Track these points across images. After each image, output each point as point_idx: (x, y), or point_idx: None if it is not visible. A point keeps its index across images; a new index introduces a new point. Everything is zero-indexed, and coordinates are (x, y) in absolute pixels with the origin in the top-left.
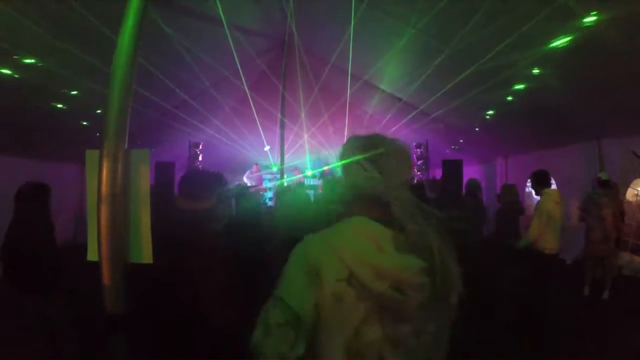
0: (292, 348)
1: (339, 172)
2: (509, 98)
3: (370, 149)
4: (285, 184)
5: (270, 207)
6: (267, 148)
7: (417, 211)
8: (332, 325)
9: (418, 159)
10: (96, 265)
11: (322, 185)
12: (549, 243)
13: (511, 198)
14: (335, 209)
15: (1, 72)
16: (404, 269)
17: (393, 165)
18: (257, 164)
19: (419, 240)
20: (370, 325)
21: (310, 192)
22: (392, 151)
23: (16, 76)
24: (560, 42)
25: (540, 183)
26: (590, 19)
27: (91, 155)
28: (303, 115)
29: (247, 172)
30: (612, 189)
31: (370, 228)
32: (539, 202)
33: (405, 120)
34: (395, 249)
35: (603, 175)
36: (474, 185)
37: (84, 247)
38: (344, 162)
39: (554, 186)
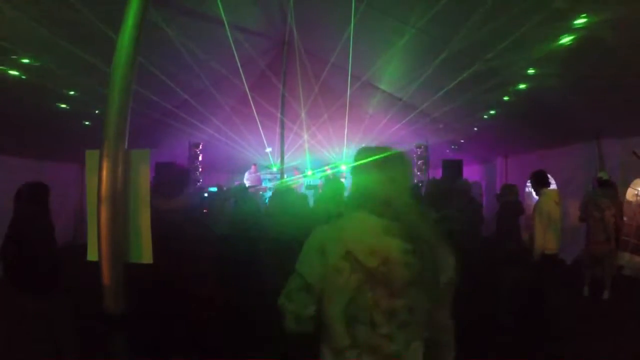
0: (304, 308)
1: (339, 174)
2: (509, 98)
3: (371, 157)
4: (279, 187)
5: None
6: (268, 150)
7: (414, 210)
8: (333, 292)
9: (418, 159)
10: (96, 265)
11: (323, 185)
12: (549, 243)
13: (511, 198)
14: (333, 208)
15: (2, 72)
16: (391, 248)
17: (399, 172)
18: (255, 164)
19: (410, 230)
20: (363, 294)
21: (310, 192)
22: (399, 161)
23: (16, 76)
24: (560, 42)
25: (539, 183)
26: (590, 19)
27: (91, 155)
28: (303, 115)
29: (247, 173)
30: (613, 189)
31: (369, 219)
32: (537, 202)
33: (405, 120)
34: (386, 234)
35: (603, 175)
36: (463, 185)
37: (84, 247)
38: (355, 165)
39: (553, 186)
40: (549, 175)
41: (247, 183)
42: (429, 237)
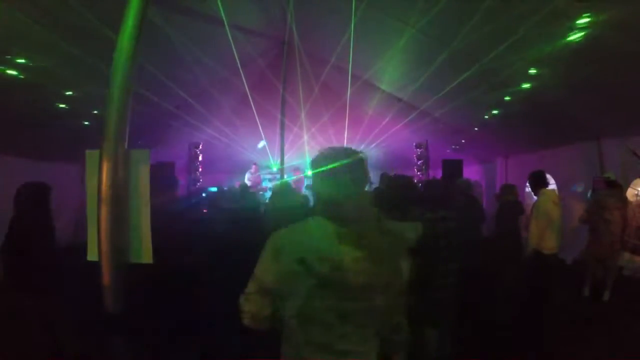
0: (260, 309)
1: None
2: (509, 98)
3: (331, 161)
4: (278, 186)
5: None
6: (261, 145)
7: (370, 215)
8: (287, 295)
9: (418, 159)
10: (96, 265)
11: None
12: (548, 243)
13: (510, 198)
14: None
15: (1, 72)
16: (342, 255)
17: (351, 174)
18: (255, 164)
19: (362, 236)
20: (316, 297)
21: (310, 192)
22: (351, 163)
23: (16, 76)
24: (560, 42)
25: (538, 183)
26: (590, 19)
27: (91, 155)
28: (303, 115)
29: (248, 173)
30: (619, 189)
31: (324, 225)
32: (536, 202)
33: (405, 121)
34: (338, 240)
35: (611, 176)
36: (464, 184)
37: (84, 247)
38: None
39: (552, 186)
40: (547, 175)
41: (248, 183)
42: (381, 243)
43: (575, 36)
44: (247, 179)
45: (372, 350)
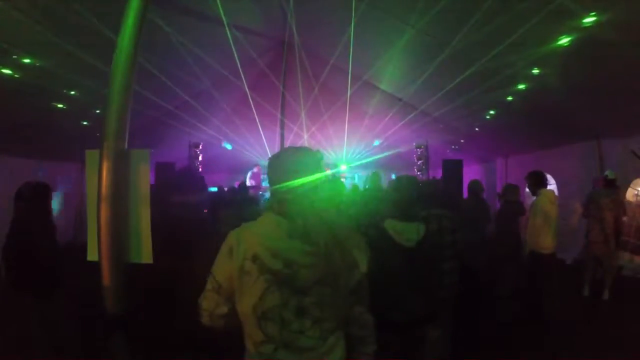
0: (216, 307)
1: (338, 174)
2: (509, 98)
3: (282, 162)
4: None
5: None
6: (255, 169)
7: (320, 210)
8: (243, 292)
9: (418, 159)
10: (96, 265)
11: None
12: (546, 242)
13: (513, 198)
14: (333, 208)
15: (1, 72)
16: (293, 250)
17: (304, 173)
18: (258, 165)
19: (312, 231)
20: (271, 293)
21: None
22: (300, 163)
23: (16, 76)
24: (560, 42)
25: (537, 183)
26: (590, 19)
27: (91, 155)
28: (303, 115)
29: (250, 172)
30: (616, 189)
31: (275, 221)
32: (534, 202)
33: (405, 120)
34: (288, 236)
35: (610, 174)
36: (475, 185)
37: (84, 247)
38: (269, 169)
39: (551, 186)
40: (547, 176)
41: (249, 183)
42: (325, 237)
43: (575, 36)
44: (249, 179)
45: (336, 347)
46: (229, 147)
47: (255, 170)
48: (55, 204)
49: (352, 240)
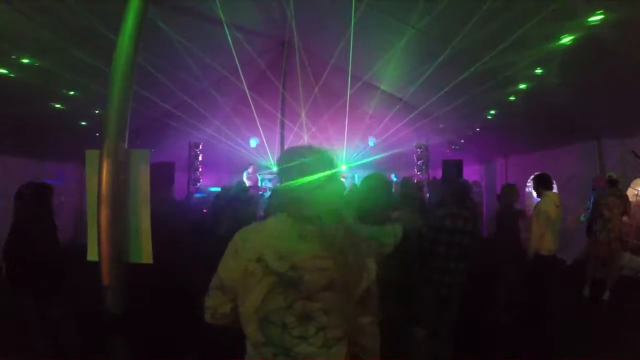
0: (220, 306)
1: (338, 174)
2: (509, 98)
3: (295, 160)
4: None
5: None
6: (253, 143)
7: (335, 214)
8: (246, 293)
9: (418, 159)
10: (96, 265)
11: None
12: (547, 244)
13: (512, 198)
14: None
15: (1, 72)
16: (302, 253)
17: (317, 171)
18: (253, 165)
19: (326, 235)
20: (275, 296)
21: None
22: (323, 163)
23: (16, 76)
24: (560, 42)
25: (543, 186)
26: (590, 19)
27: (91, 155)
28: (303, 115)
29: (245, 173)
30: (620, 189)
31: (286, 222)
32: (538, 204)
33: (405, 120)
34: (300, 238)
35: (613, 175)
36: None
37: (84, 247)
38: (280, 167)
39: (555, 190)
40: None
41: (247, 183)
42: (341, 241)
43: (575, 36)
44: (246, 179)
45: (338, 356)
46: (254, 144)
47: (250, 170)
48: (55, 203)
49: (364, 248)
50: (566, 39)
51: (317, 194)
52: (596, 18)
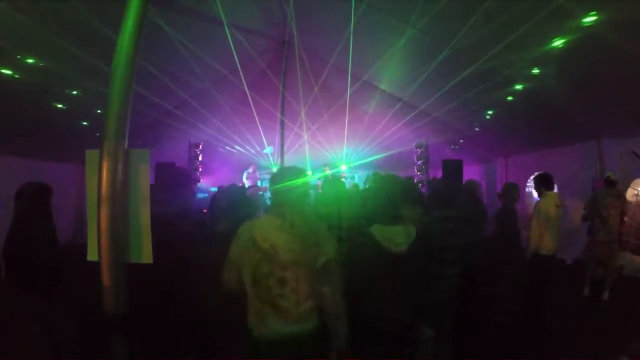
0: (230, 275)
1: (338, 174)
2: (509, 98)
3: (285, 179)
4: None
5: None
6: (268, 150)
7: (298, 212)
8: (244, 264)
9: (418, 159)
10: (96, 265)
11: (322, 185)
12: (547, 244)
13: (513, 198)
14: (334, 208)
15: (2, 73)
16: (278, 238)
17: (294, 190)
18: (253, 164)
19: (294, 226)
20: (262, 266)
21: (311, 192)
22: (295, 176)
23: (16, 76)
24: (560, 42)
25: (544, 185)
26: (590, 19)
27: (91, 155)
28: (303, 115)
29: (246, 172)
30: (619, 189)
31: (271, 219)
32: (537, 203)
33: (405, 120)
34: (277, 229)
35: (611, 175)
36: (469, 185)
37: (84, 247)
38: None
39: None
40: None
41: (246, 183)
42: (307, 232)
43: (575, 36)
44: (246, 179)
45: (311, 313)
46: (269, 151)
47: (250, 170)
48: (55, 203)
49: (322, 233)
50: (566, 39)
51: (291, 202)
52: (596, 18)
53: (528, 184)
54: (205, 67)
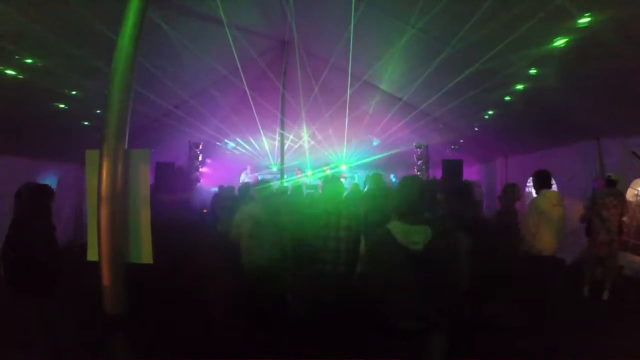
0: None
1: (338, 174)
2: (509, 98)
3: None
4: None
5: None
6: (273, 167)
7: (277, 202)
8: (245, 233)
9: (418, 159)
10: (96, 265)
11: (322, 185)
12: (546, 244)
13: (514, 198)
14: (333, 207)
15: (4, 73)
16: (261, 214)
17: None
18: (249, 165)
19: (270, 209)
20: (256, 230)
21: (310, 192)
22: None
23: (17, 76)
24: (559, 42)
25: (540, 183)
26: (589, 19)
27: (91, 155)
28: (303, 115)
29: (243, 174)
30: (619, 189)
31: (259, 204)
32: (533, 201)
33: (405, 120)
34: (262, 210)
35: (612, 175)
36: (466, 186)
37: (84, 247)
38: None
39: (554, 187)
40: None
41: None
42: (275, 220)
43: (575, 36)
44: (243, 180)
45: (289, 270)
46: (275, 168)
47: (248, 170)
48: (55, 204)
49: (285, 211)
50: (566, 39)
51: (274, 196)
52: (596, 18)
53: (528, 184)
54: (205, 67)
